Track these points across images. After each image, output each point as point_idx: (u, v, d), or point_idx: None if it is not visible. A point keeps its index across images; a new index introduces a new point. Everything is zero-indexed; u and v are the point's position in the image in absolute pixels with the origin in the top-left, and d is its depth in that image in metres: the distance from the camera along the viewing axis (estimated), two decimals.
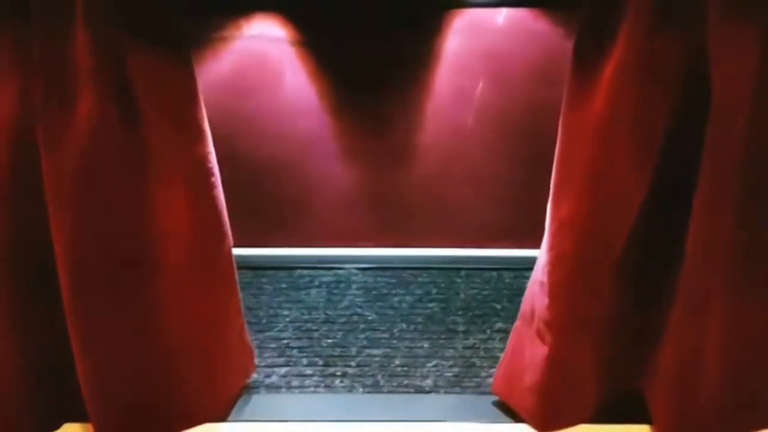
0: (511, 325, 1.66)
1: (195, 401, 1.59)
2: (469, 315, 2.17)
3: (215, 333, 1.61)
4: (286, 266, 2.51)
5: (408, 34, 2.34)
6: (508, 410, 1.62)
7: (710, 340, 1.42)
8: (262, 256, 2.53)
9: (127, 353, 1.49)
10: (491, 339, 2.02)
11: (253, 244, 2.51)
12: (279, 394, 1.77)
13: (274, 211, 2.55)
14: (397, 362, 1.91)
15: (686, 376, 1.46)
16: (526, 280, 1.63)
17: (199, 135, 1.48)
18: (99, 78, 1.33)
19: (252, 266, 2.46)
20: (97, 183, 1.39)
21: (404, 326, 2.11)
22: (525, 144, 2.40)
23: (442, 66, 2.36)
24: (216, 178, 1.53)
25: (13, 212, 1.43)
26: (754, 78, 1.26)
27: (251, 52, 2.38)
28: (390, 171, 2.49)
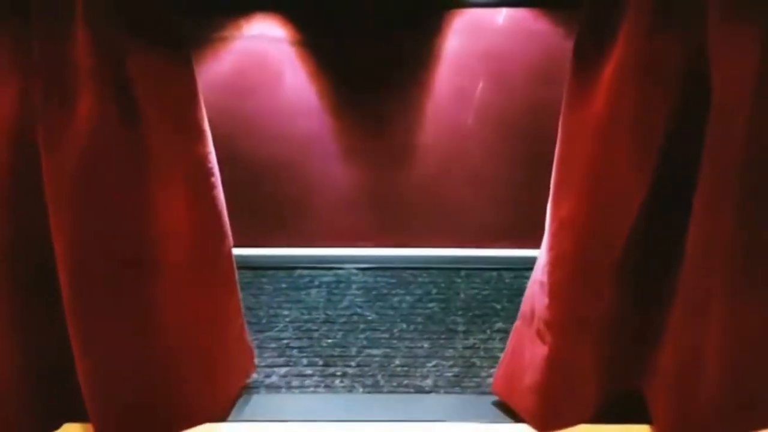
0: (511, 325, 1.66)
1: (195, 401, 1.59)
2: (469, 315, 2.17)
3: (215, 333, 1.61)
4: (286, 266, 2.50)
5: (408, 34, 2.34)
6: (508, 410, 1.62)
7: (710, 340, 1.42)
8: (262, 256, 2.53)
9: (127, 353, 1.49)
10: (491, 339, 2.02)
11: (253, 244, 2.51)
12: (279, 394, 1.77)
13: (274, 211, 2.55)
14: (397, 362, 1.91)
15: (686, 376, 1.46)
16: (527, 280, 1.63)
17: (199, 135, 1.48)
18: (99, 78, 1.33)
19: (252, 266, 2.46)
20: (97, 183, 1.39)
21: (404, 326, 2.11)
22: (525, 144, 2.40)
23: (442, 66, 2.36)
24: (216, 178, 1.53)
25: (13, 212, 1.43)
26: (754, 78, 1.26)
27: (251, 52, 2.38)
28: (390, 171, 2.49)
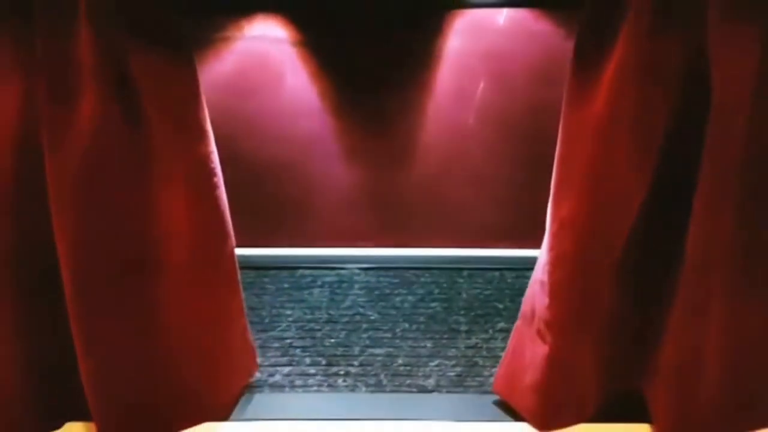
0: (513, 325, 1.66)
1: (197, 400, 1.60)
2: (472, 315, 2.17)
3: (218, 333, 1.62)
4: (289, 266, 2.51)
5: (409, 35, 2.34)
6: (509, 409, 1.62)
7: (710, 340, 1.42)
8: (265, 256, 2.53)
9: (130, 353, 1.49)
10: (493, 338, 2.03)
11: (256, 244, 2.51)
12: (282, 393, 1.78)
13: (276, 211, 2.55)
14: (400, 362, 1.92)
15: (686, 376, 1.46)
16: (528, 280, 1.63)
17: (201, 135, 1.48)
18: (101, 77, 1.33)
19: (254, 266, 2.47)
20: (100, 183, 1.39)
21: (407, 326, 2.12)
22: (526, 144, 2.40)
23: (443, 66, 2.36)
24: (218, 179, 1.53)
25: (17, 217, 1.44)
26: (754, 78, 1.26)
27: (253, 53, 2.38)
28: (391, 171, 2.50)
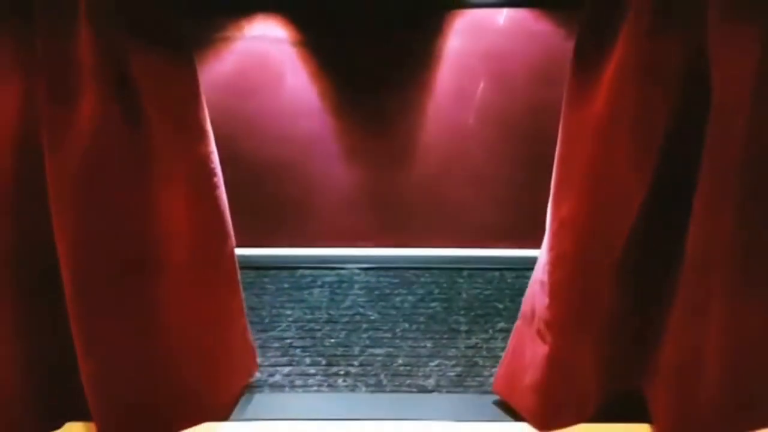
0: (513, 325, 1.66)
1: (197, 400, 1.60)
2: (472, 315, 2.18)
3: (218, 333, 1.62)
4: (289, 266, 2.51)
5: (409, 35, 2.34)
6: (509, 409, 1.62)
7: (710, 340, 1.42)
8: (265, 256, 2.53)
9: (130, 353, 1.50)
10: (493, 338, 2.03)
11: (256, 244, 2.51)
12: (282, 393, 1.78)
13: (276, 211, 2.55)
14: (400, 362, 1.92)
15: (686, 376, 1.46)
16: (528, 280, 1.63)
17: (201, 135, 1.48)
18: (101, 77, 1.33)
19: (254, 266, 2.47)
20: (100, 183, 1.39)
21: (407, 326, 2.12)
22: (526, 144, 2.40)
23: (443, 66, 2.36)
24: (218, 179, 1.53)
25: (17, 217, 1.43)
26: (754, 78, 1.26)
27: (253, 53, 2.38)
28: (391, 171, 2.50)
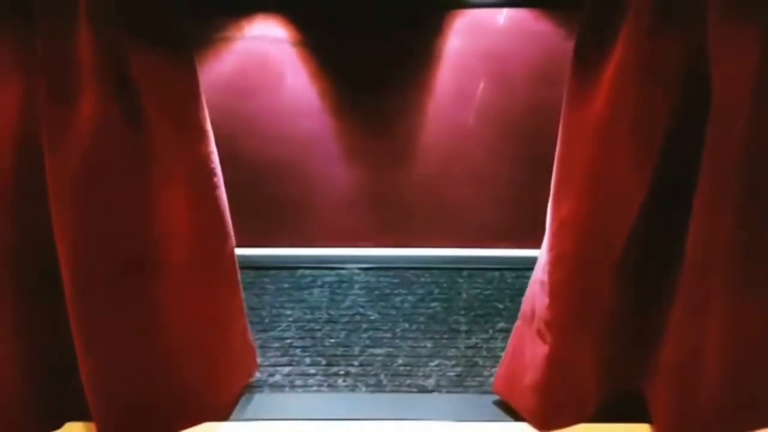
0: (513, 325, 1.66)
1: (197, 400, 1.60)
2: (472, 315, 2.18)
3: (218, 333, 1.62)
4: (289, 266, 2.51)
5: (409, 35, 2.34)
6: (509, 409, 1.62)
7: (710, 340, 1.42)
8: (265, 256, 2.53)
9: (130, 353, 1.50)
10: (493, 338, 2.03)
11: (256, 244, 2.51)
12: (282, 393, 1.78)
13: (276, 211, 2.55)
14: (400, 362, 1.92)
15: (686, 376, 1.46)
16: (528, 280, 1.63)
17: (201, 135, 1.48)
18: (101, 77, 1.33)
19: (254, 266, 2.47)
20: (100, 183, 1.39)
21: (407, 326, 2.12)
22: (526, 144, 2.40)
23: (443, 66, 2.36)
24: (218, 179, 1.53)
25: (17, 217, 1.43)
26: (754, 78, 1.26)
27: (253, 53, 2.38)
28: (391, 171, 2.50)
